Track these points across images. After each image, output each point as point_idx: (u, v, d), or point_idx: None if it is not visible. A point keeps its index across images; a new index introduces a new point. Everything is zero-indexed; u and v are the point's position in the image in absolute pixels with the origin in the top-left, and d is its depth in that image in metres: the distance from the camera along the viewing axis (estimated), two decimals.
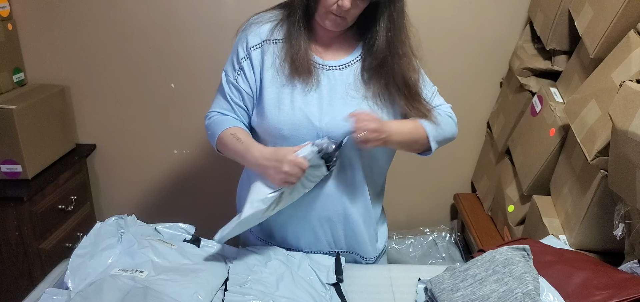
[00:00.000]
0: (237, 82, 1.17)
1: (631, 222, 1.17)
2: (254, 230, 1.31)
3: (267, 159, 1.06)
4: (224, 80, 1.20)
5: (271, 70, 1.14)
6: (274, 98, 1.13)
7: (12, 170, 1.85)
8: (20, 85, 2.03)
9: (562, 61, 1.76)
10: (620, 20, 1.34)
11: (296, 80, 1.12)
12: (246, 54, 1.16)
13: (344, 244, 1.25)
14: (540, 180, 1.63)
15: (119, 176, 2.29)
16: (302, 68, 1.12)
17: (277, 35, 1.16)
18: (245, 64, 1.16)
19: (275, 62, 1.15)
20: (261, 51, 1.16)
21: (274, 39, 1.16)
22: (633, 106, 1.04)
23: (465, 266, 1.05)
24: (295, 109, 1.11)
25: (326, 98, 1.13)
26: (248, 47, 1.16)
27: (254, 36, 1.17)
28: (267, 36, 1.16)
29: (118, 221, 1.15)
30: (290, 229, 1.23)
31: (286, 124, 1.11)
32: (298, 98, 1.12)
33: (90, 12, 2.00)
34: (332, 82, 1.14)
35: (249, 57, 1.16)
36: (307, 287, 1.06)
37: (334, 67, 1.16)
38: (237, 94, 1.18)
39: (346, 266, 1.20)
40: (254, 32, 1.17)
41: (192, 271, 1.03)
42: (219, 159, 2.24)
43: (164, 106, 2.15)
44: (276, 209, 1.12)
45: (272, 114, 1.12)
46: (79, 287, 0.95)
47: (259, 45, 1.16)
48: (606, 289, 0.96)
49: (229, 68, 1.20)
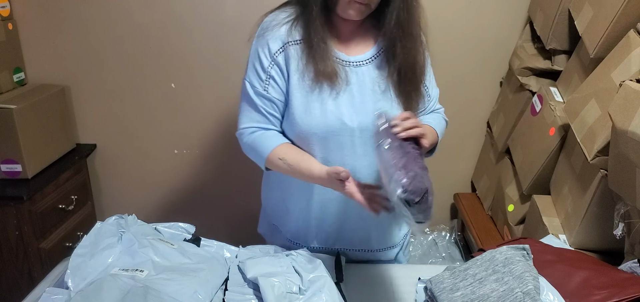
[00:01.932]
0: (267, 92, 1.11)
1: (631, 221, 1.17)
2: (284, 232, 1.30)
3: (325, 182, 1.05)
4: (250, 92, 1.13)
5: (296, 74, 1.09)
6: (302, 103, 1.09)
7: (12, 169, 1.85)
8: (21, 85, 2.03)
9: (562, 61, 1.76)
10: (620, 20, 1.34)
11: (323, 83, 1.08)
12: (271, 60, 1.10)
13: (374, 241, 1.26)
14: (540, 179, 1.63)
15: (119, 175, 2.29)
16: (327, 70, 1.07)
17: (295, 35, 1.10)
18: (273, 71, 1.10)
19: (298, 65, 1.09)
20: (285, 55, 1.10)
21: (294, 40, 1.10)
22: (633, 106, 1.04)
23: (465, 266, 1.05)
24: (327, 113, 1.08)
25: (357, 96, 1.09)
26: (271, 53, 1.10)
27: (274, 40, 1.10)
28: (287, 38, 1.10)
29: (118, 220, 1.15)
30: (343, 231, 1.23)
31: (318, 128, 1.08)
32: (328, 101, 1.08)
33: (91, 12, 2.00)
34: (361, 78, 1.11)
35: (275, 63, 1.10)
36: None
37: (360, 63, 1.12)
38: (270, 104, 1.12)
39: (346, 266, 1.21)
40: (274, 35, 1.11)
41: (192, 270, 1.03)
42: (219, 159, 2.25)
43: (164, 106, 2.16)
44: None
45: (302, 120, 1.09)
46: (79, 287, 0.95)
47: (281, 49, 1.10)
48: (606, 289, 0.96)
49: (254, 78, 1.12)
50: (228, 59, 2.07)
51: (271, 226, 1.35)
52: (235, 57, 2.07)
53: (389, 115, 1.01)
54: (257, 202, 1.80)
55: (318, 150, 1.11)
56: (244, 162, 2.24)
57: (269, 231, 1.37)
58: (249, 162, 1.21)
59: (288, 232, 1.29)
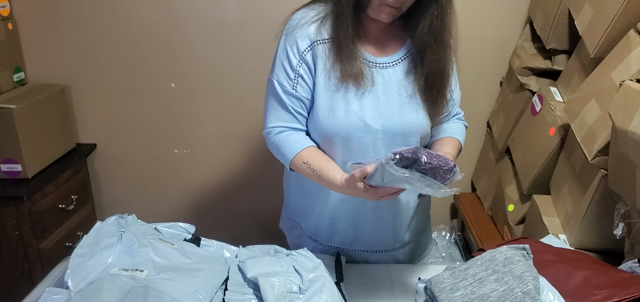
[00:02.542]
0: (296, 91, 1.11)
1: (631, 221, 1.17)
2: (304, 228, 1.30)
3: (346, 190, 1.03)
4: (279, 91, 1.12)
5: (323, 73, 1.10)
6: (327, 103, 1.09)
7: (12, 169, 1.85)
8: (21, 85, 2.03)
9: (562, 60, 1.75)
10: (620, 20, 1.34)
11: (349, 83, 1.08)
12: (299, 59, 1.11)
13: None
14: (540, 179, 1.63)
15: (120, 175, 2.29)
16: (354, 70, 1.07)
17: (324, 34, 1.10)
18: (302, 69, 1.11)
19: (325, 64, 1.10)
20: (312, 53, 1.10)
21: (322, 39, 1.10)
22: (633, 105, 1.04)
23: (465, 265, 1.05)
24: (351, 114, 1.08)
25: (382, 98, 1.10)
26: (300, 52, 1.10)
27: (303, 39, 1.11)
28: (315, 37, 1.10)
29: (118, 220, 1.15)
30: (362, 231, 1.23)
31: (341, 128, 1.08)
32: (353, 102, 1.08)
33: (91, 11, 2.01)
34: (387, 81, 1.11)
35: (304, 61, 1.11)
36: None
37: (387, 64, 1.11)
38: (299, 103, 1.12)
39: (346, 266, 1.21)
40: (303, 34, 1.11)
41: (192, 270, 1.03)
42: (219, 159, 2.25)
43: (165, 105, 2.16)
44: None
45: (326, 119, 1.09)
46: (79, 287, 0.95)
47: (309, 48, 1.11)
48: (606, 289, 0.96)
49: (283, 77, 1.12)
50: (228, 58, 2.07)
51: (292, 221, 1.36)
52: (235, 57, 2.07)
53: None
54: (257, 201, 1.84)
55: (340, 150, 1.12)
56: (244, 162, 2.25)
57: (289, 226, 1.38)
58: (249, 162, 1.21)
59: (308, 229, 1.29)
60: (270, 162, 2.35)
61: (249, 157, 2.23)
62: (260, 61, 2.03)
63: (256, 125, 2.17)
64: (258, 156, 2.23)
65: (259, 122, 2.20)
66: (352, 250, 1.27)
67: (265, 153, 2.24)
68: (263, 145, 2.24)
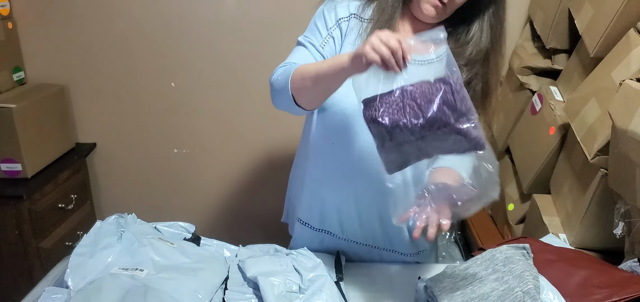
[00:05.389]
0: (323, 50, 1.11)
1: (631, 220, 1.17)
2: (298, 207, 1.28)
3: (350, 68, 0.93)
4: (305, 43, 1.12)
5: (350, 47, 1.08)
6: (345, 83, 1.03)
7: (11, 169, 1.85)
8: (20, 84, 2.03)
9: (562, 60, 1.75)
10: (620, 19, 1.34)
11: None
12: (335, 24, 1.12)
13: None
14: (540, 179, 1.63)
15: (119, 174, 2.29)
16: None
17: (366, 14, 1.11)
18: (335, 33, 1.11)
19: (356, 41, 1.09)
20: (348, 25, 1.11)
21: (362, 17, 1.11)
22: (633, 105, 1.04)
23: (465, 265, 1.05)
24: None
25: None
26: (337, 18, 1.11)
27: (343, 8, 1.12)
28: (356, 11, 1.11)
29: (118, 219, 1.15)
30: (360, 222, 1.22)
31: (355, 110, 1.06)
32: None
33: (91, 11, 2.00)
34: (410, 76, 1.08)
35: (339, 28, 1.12)
36: None
37: (420, 63, 1.08)
38: (322, 58, 1.10)
39: (346, 266, 1.20)
40: (344, 4, 1.13)
41: (192, 269, 1.03)
42: (219, 159, 2.25)
43: (164, 105, 2.15)
44: None
45: (340, 94, 1.04)
46: (78, 286, 0.95)
47: (347, 18, 1.11)
48: (606, 288, 0.96)
49: (315, 35, 1.12)
50: (228, 58, 2.07)
51: (291, 203, 1.36)
52: (235, 56, 2.07)
53: None
54: (257, 201, 1.84)
55: (353, 134, 1.11)
56: (244, 162, 2.25)
57: (288, 209, 1.38)
58: (249, 162, 1.21)
59: (301, 208, 1.27)
60: (270, 162, 2.35)
61: (249, 156, 2.23)
62: (260, 61, 2.03)
63: (256, 125, 2.17)
64: (258, 156, 2.23)
65: (259, 122, 2.21)
66: (343, 240, 1.25)
67: (266, 153, 2.24)
68: (263, 145, 2.25)
